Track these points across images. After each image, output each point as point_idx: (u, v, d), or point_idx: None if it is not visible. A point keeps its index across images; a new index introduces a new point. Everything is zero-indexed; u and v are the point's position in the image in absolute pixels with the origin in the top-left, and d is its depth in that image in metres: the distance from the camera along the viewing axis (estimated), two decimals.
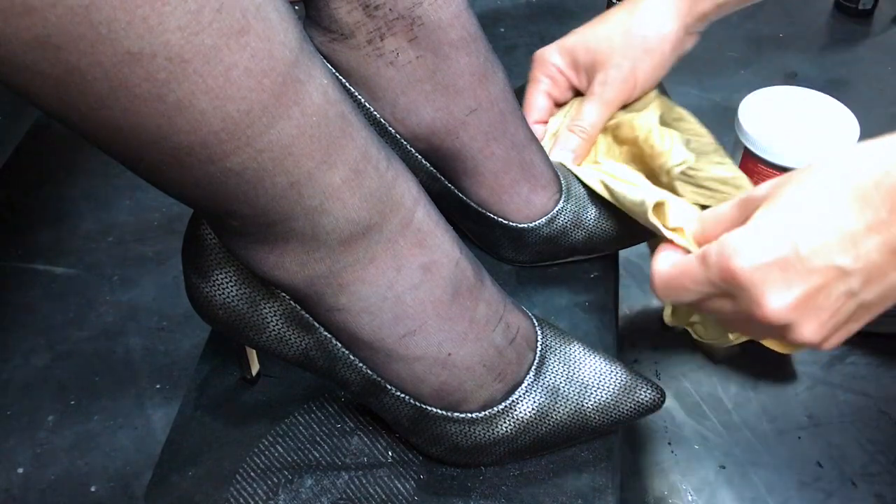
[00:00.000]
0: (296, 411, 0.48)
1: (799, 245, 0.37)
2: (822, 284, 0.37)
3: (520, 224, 0.54)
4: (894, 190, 0.36)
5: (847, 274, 0.37)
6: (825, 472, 0.57)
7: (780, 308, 0.37)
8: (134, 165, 0.32)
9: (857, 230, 0.37)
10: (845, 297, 0.38)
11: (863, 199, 0.37)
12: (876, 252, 0.37)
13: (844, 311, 0.38)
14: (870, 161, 0.37)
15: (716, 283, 0.39)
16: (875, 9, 1.05)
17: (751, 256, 0.37)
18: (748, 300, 0.38)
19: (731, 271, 0.38)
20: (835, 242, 0.37)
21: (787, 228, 0.37)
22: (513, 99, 0.52)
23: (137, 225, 0.80)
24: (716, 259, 0.38)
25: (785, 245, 0.37)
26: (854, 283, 0.37)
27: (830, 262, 0.37)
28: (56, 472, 0.59)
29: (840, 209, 0.37)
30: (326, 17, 0.47)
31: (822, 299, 0.37)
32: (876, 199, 0.36)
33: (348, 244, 0.37)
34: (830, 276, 0.37)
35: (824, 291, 0.37)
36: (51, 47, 0.26)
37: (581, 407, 0.44)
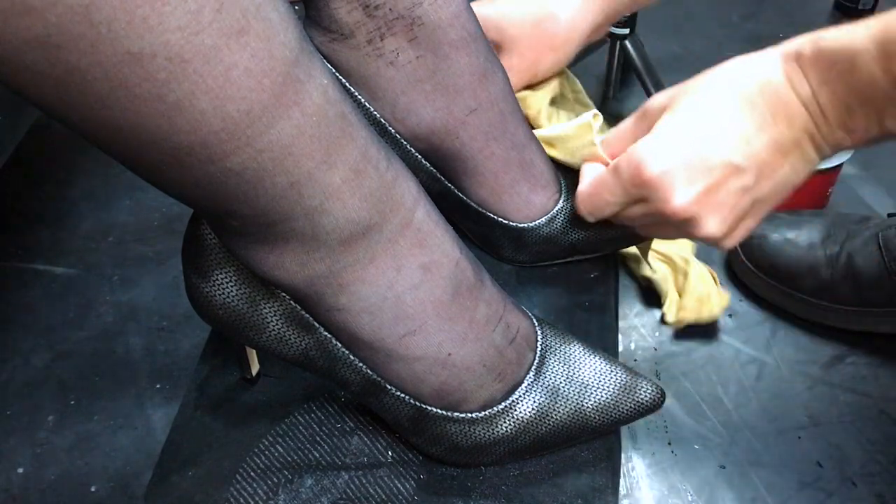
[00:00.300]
0: (296, 411, 0.48)
1: (698, 146, 0.41)
2: (720, 180, 0.42)
3: (520, 224, 0.54)
4: (774, 95, 0.41)
5: (741, 170, 0.42)
6: (825, 472, 0.57)
7: (685, 202, 0.42)
8: (134, 165, 0.32)
9: (748, 131, 0.41)
10: (741, 192, 0.42)
11: (750, 103, 0.42)
12: (764, 150, 0.42)
13: (742, 205, 0.43)
14: (753, 70, 0.42)
15: (629, 190, 0.44)
16: (875, 9, 1.05)
17: (657, 161, 0.42)
18: (657, 200, 0.42)
19: (640, 177, 0.42)
20: (729, 142, 0.41)
21: (688, 133, 0.42)
22: (513, 99, 0.52)
23: (137, 225, 0.80)
24: (626, 168, 0.43)
25: (686, 147, 0.42)
26: (748, 178, 0.42)
27: (727, 159, 0.41)
28: (56, 472, 0.59)
29: (732, 113, 0.42)
30: (326, 17, 0.47)
31: (721, 195, 0.42)
32: (760, 104, 0.41)
33: (348, 244, 0.37)
34: (727, 172, 0.42)
35: (723, 187, 0.42)
36: (51, 47, 0.26)
37: (581, 407, 0.44)
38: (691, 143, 0.42)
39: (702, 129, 0.42)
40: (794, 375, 0.63)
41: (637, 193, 0.44)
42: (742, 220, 0.44)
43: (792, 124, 0.42)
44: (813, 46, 0.41)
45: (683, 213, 0.42)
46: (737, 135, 0.41)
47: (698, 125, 0.42)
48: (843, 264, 0.63)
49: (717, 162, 0.41)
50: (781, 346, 0.66)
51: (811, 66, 0.41)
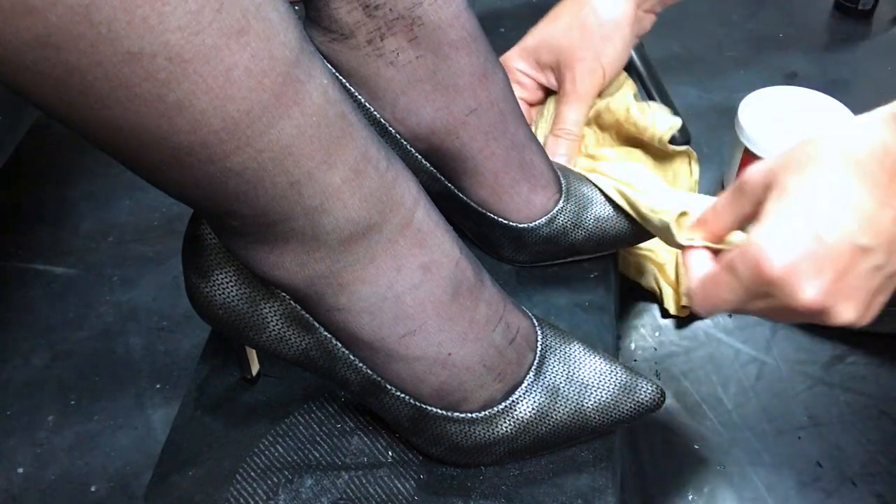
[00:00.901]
0: (296, 411, 0.48)
1: (820, 234, 0.38)
2: (849, 266, 0.38)
3: (520, 224, 0.54)
4: (891, 161, 0.38)
5: (870, 251, 0.38)
6: (825, 472, 0.57)
7: (816, 297, 0.39)
8: (134, 165, 0.32)
9: (871, 208, 0.38)
10: (873, 272, 0.39)
11: (867, 176, 0.38)
12: (892, 225, 0.38)
13: (874, 284, 0.40)
14: (866, 137, 0.39)
15: (751, 288, 0.40)
16: (875, 9, 1.05)
17: (778, 256, 0.38)
18: (784, 297, 0.39)
19: (762, 275, 0.39)
20: (853, 224, 0.38)
21: (806, 220, 0.38)
22: (513, 99, 0.52)
23: (137, 225, 0.80)
24: (744, 267, 0.40)
25: (807, 237, 0.38)
26: (878, 258, 0.39)
27: (853, 243, 0.38)
28: (56, 472, 0.59)
29: (849, 191, 0.38)
30: (326, 17, 0.47)
31: (852, 279, 0.39)
32: (879, 175, 0.38)
33: (348, 244, 0.37)
34: (856, 256, 0.38)
35: (853, 272, 0.39)
36: (51, 47, 0.26)
37: (581, 407, 0.44)
38: (811, 231, 0.38)
39: (819, 211, 0.38)
40: (794, 375, 0.63)
41: (759, 290, 0.40)
42: (875, 297, 0.41)
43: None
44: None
45: (815, 308, 0.39)
46: (859, 212, 0.38)
47: (815, 209, 0.38)
48: None
49: (843, 247, 0.38)
50: (781, 346, 0.66)
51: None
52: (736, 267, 0.40)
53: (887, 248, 0.39)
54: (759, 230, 0.39)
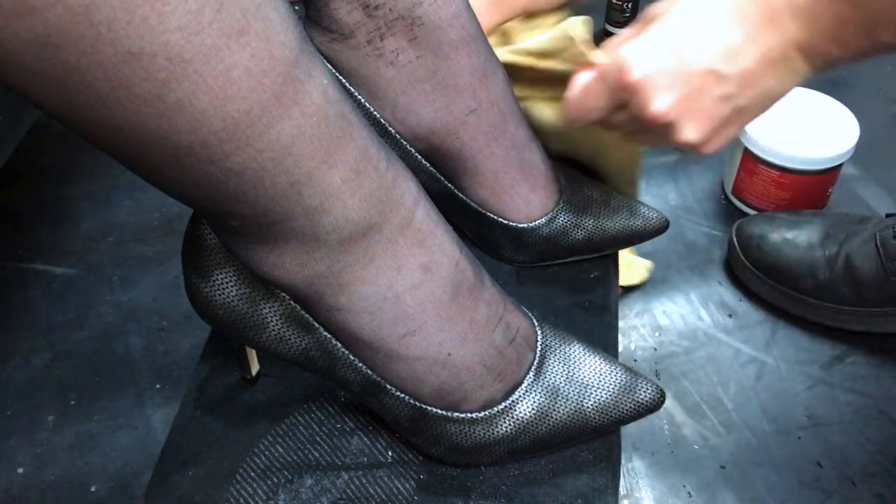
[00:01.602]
0: (296, 411, 0.48)
1: (682, 54, 0.41)
2: (700, 87, 0.42)
3: (520, 224, 0.54)
4: (765, 4, 0.41)
5: (724, 79, 0.41)
6: (825, 472, 0.57)
7: (664, 108, 0.42)
8: (134, 165, 0.32)
9: (735, 40, 0.41)
10: (722, 100, 0.42)
11: (740, 12, 0.41)
12: (751, 60, 0.41)
13: (722, 113, 0.43)
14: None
15: (612, 94, 0.44)
16: None
17: (639, 65, 0.42)
18: (638, 105, 0.42)
19: (623, 80, 0.42)
20: (714, 50, 0.41)
21: (673, 38, 0.42)
22: (513, 99, 0.52)
23: (137, 225, 0.80)
24: (610, 72, 0.43)
25: (669, 55, 0.41)
26: (730, 87, 0.42)
27: (709, 66, 0.41)
28: (56, 472, 0.59)
29: (720, 21, 0.41)
30: (326, 17, 0.47)
31: (701, 101, 0.42)
32: (751, 12, 0.41)
33: (348, 244, 0.37)
34: (709, 79, 0.41)
35: (703, 94, 0.42)
36: (51, 47, 0.26)
37: (581, 407, 0.44)
38: (675, 49, 0.41)
39: (688, 35, 0.41)
40: (794, 375, 0.63)
41: (620, 98, 0.44)
42: (722, 128, 0.44)
43: (782, 34, 0.41)
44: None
45: (662, 118, 0.42)
46: (723, 42, 0.41)
47: (685, 31, 0.42)
48: (842, 264, 0.63)
49: (698, 69, 0.41)
50: (781, 346, 0.66)
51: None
52: (605, 72, 0.44)
53: (741, 80, 0.41)
54: (632, 42, 0.43)
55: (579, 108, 0.47)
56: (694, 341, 0.66)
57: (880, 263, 0.62)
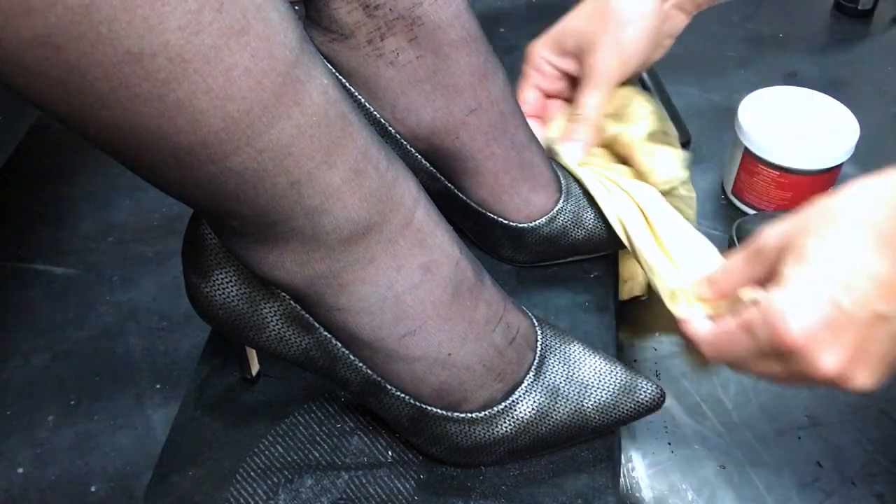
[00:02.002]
0: (296, 411, 0.48)
1: (840, 301, 0.37)
2: (867, 334, 0.38)
3: (520, 224, 0.54)
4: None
5: (888, 318, 0.38)
6: (825, 472, 0.57)
7: (835, 366, 0.38)
8: (134, 165, 0.32)
9: (888, 273, 0.37)
10: (890, 340, 0.39)
11: (884, 240, 0.37)
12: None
13: (891, 352, 0.39)
14: (882, 199, 0.38)
15: (766, 349, 0.40)
16: (875, 9, 1.05)
17: (798, 323, 0.37)
18: (802, 363, 0.38)
19: (781, 339, 0.38)
20: (871, 291, 0.37)
21: (825, 287, 0.38)
22: (513, 99, 0.52)
23: (137, 225, 0.80)
24: (764, 328, 0.39)
25: (827, 305, 0.37)
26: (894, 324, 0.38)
27: (872, 311, 0.37)
28: (56, 472, 0.59)
29: (867, 256, 0.37)
30: (326, 17, 0.47)
31: (870, 347, 0.38)
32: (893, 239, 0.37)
33: (348, 244, 0.37)
34: (874, 324, 0.38)
35: (871, 339, 0.38)
36: (51, 47, 0.26)
37: (581, 407, 0.44)
38: (831, 298, 0.37)
39: (838, 278, 0.37)
40: None
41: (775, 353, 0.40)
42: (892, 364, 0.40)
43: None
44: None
45: (833, 377, 0.39)
46: (877, 279, 0.37)
47: (834, 274, 0.38)
48: None
49: (862, 316, 0.37)
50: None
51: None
52: (754, 328, 0.40)
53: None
54: (779, 294, 0.38)
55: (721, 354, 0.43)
56: None
57: None
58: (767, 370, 0.41)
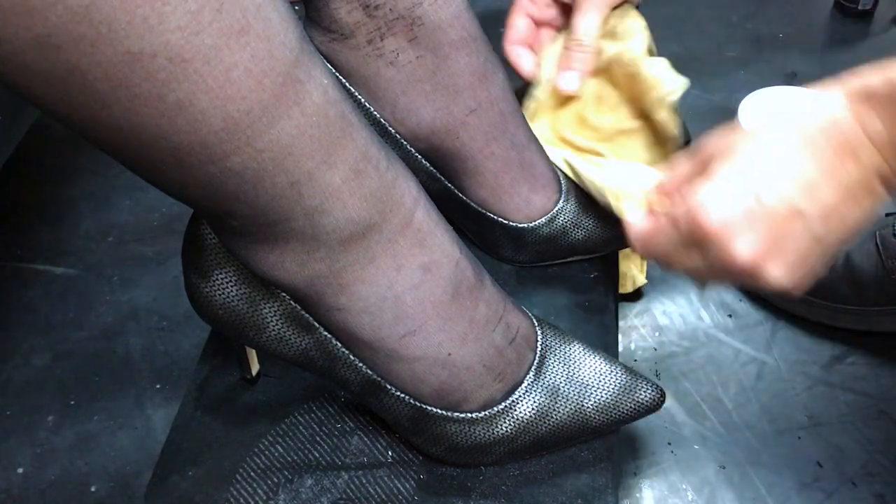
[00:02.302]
0: (296, 411, 0.48)
1: (760, 194, 0.39)
2: (783, 228, 0.39)
3: (520, 224, 0.54)
4: (841, 135, 0.39)
5: (806, 216, 0.39)
6: (825, 472, 0.57)
7: (749, 254, 0.39)
8: (134, 165, 0.32)
9: (813, 176, 0.39)
10: (806, 237, 0.40)
11: (814, 147, 0.39)
12: (831, 194, 0.39)
13: (806, 250, 0.40)
14: (815, 110, 0.40)
15: (686, 238, 0.41)
16: (875, 9, 1.05)
17: (717, 211, 0.39)
18: (718, 251, 0.40)
19: (699, 226, 0.40)
20: (792, 188, 0.39)
21: (748, 180, 0.39)
22: (513, 99, 0.52)
23: (137, 225, 0.80)
24: (685, 217, 0.41)
25: (748, 196, 0.39)
26: (813, 224, 0.40)
27: (790, 206, 0.39)
28: (56, 472, 0.59)
29: (795, 157, 0.39)
30: (326, 18, 0.47)
31: (785, 241, 0.40)
32: (825, 146, 0.39)
33: (348, 244, 0.37)
34: (791, 219, 0.39)
35: (787, 234, 0.40)
36: (51, 47, 0.26)
37: (581, 407, 0.44)
38: (752, 190, 0.39)
39: (763, 174, 0.39)
40: (794, 375, 0.63)
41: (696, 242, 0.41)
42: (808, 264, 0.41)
43: (861, 165, 0.39)
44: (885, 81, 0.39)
45: (746, 263, 0.40)
46: (800, 178, 0.39)
47: (759, 170, 0.39)
48: (842, 263, 0.63)
49: (780, 208, 0.39)
50: (781, 346, 0.66)
51: (884, 102, 0.39)
52: (678, 218, 0.41)
53: (823, 215, 0.39)
54: (703, 186, 0.40)
55: (648, 246, 0.45)
56: (694, 341, 0.66)
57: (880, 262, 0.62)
58: (690, 263, 0.43)
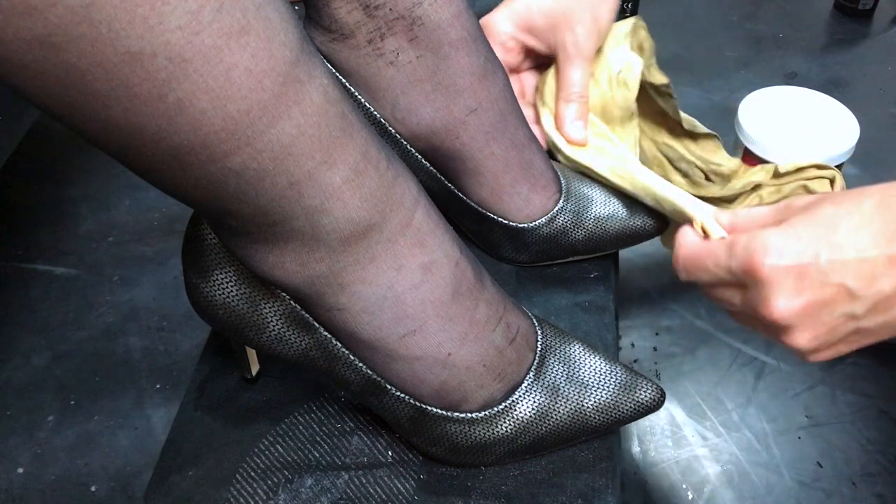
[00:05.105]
0: (296, 411, 0.48)
1: (820, 257, 0.38)
2: (829, 300, 0.39)
3: (520, 224, 0.54)
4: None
5: (855, 297, 0.38)
6: (825, 472, 0.57)
7: (785, 311, 0.39)
8: (134, 165, 0.32)
9: (877, 260, 0.38)
10: (847, 318, 0.39)
11: (888, 232, 0.38)
12: (888, 285, 0.38)
13: (841, 330, 0.40)
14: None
15: (734, 271, 0.41)
16: (875, 9, 1.05)
17: (774, 256, 0.39)
18: (758, 296, 0.40)
19: (752, 265, 0.39)
20: (852, 265, 0.38)
21: (815, 240, 0.39)
22: (513, 99, 0.52)
23: (137, 225, 0.80)
24: (742, 250, 0.40)
25: (808, 254, 0.38)
26: (859, 307, 0.39)
27: (843, 281, 0.38)
28: (56, 472, 0.59)
29: (866, 236, 0.38)
30: (326, 17, 0.47)
31: (825, 313, 0.39)
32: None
33: (348, 244, 0.37)
34: (839, 294, 0.39)
35: (829, 307, 0.39)
36: (51, 47, 0.26)
37: (581, 407, 0.44)
38: (814, 251, 0.38)
39: (831, 240, 0.38)
40: (794, 375, 0.63)
41: (741, 279, 0.41)
42: (838, 344, 0.41)
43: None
44: None
45: (779, 321, 0.40)
46: (863, 259, 0.38)
47: (827, 236, 0.39)
48: None
49: (832, 280, 0.38)
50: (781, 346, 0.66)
51: None
52: (735, 247, 0.41)
53: (872, 302, 0.39)
54: (774, 230, 0.40)
55: (692, 263, 0.44)
56: (694, 341, 0.66)
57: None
58: (726, 297, 0.43)
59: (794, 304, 0.39)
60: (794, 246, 0.39)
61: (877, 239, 0.38)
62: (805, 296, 0.39)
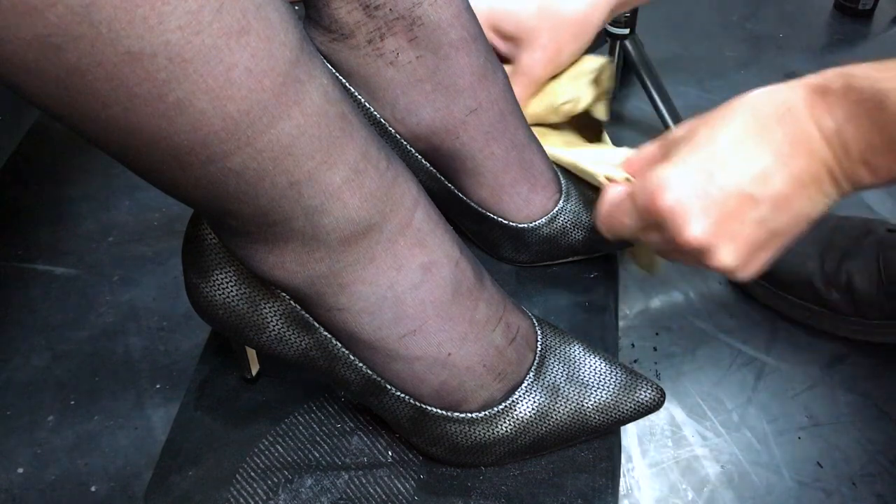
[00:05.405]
0: (296, 411, 0.48)
1: (714, 178, 0.41)
2: (734, 211, 0.41)
3: (520, 224, 0.54)
4: (795, 126, 0.40)
5: (757, 202, 0.41)
6: (825, 472, 0.57)
7: (699, 234, 0.41)
8: (134, 165, 0.32)
9: (766, 163, 0.40)
10: (757, 223, 0.41)
11: (769, 133, 0.41)
12: (782, 182, 0.41)
13: (756, 237, 0.42)
14: (774, 99, 0.41)
15: (643, 216, 0.43)
16: (875, 9, 1.05)
17: (671, 190, 0.41)
18: (672, 229, 0.42)
19: (655, 204, 0.42)
20: (745, 173, 0.41)
21: (703, 162, 0.41)
22: (513, 99, 0.52)
23: (137, 225, 0.80)
24: (642, 193, 0.43)
25: (701, 179, 0.41)
26: (764, 210, 0.41)
27: (742, 191, 0.40)
28: (56, 472, 0.59)
29: (750, 144, 0.41)
30: (326, 17, 0.47)
31: (735, 225, 0.41)
32: (780, 135, 0.40)
33: (348, 244, 0.37)
34: (743, 203, 0.41)
35: (737, 217, 0.41)
36: (51, 47, 0.26)
37: (581, 407, 0.44)
38: (707, 173, 0.41)
39: (718, 158, 0.41)
40: (794, 375, 0.63)
41: (652, 220, 0.43)
42: (758, 251, 0.43)
43: (812, 158, 0.40)
44: (842, 82, 0.40)
45: (697, 244, 0.41)
46: (754, 166, 0.41)
47: (715, 155, 0.41)
48: (843, 283, 0.63)
49: (732, 192, 0.40)
50: (781, 346, 0.66)
51: (838, 101, 0.40)
52: (636, 195, 0.43)
53: (774, 203, 0.41)
54: (662, 166, 0.42)
55: (610, 223, 0.47)
56: (694, 341, 0.66)
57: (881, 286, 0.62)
58: (650, 239, 0.45)
59: (705, 224, 0.41)
60: (685, 174, 0.41)
61: (756, 142, 0.41)
62: (712, 215, 0.41)
